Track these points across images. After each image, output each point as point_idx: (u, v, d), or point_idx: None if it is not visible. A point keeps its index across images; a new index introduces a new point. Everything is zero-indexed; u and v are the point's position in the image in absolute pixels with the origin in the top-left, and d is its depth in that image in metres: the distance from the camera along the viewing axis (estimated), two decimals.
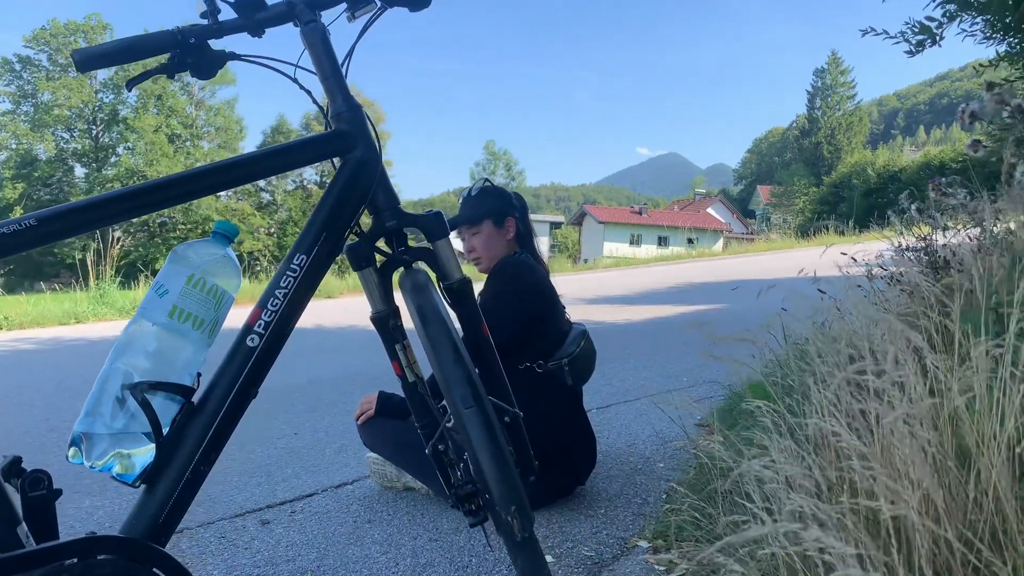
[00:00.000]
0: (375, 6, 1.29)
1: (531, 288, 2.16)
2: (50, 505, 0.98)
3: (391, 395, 2.22)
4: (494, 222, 2.22)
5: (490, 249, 2.22)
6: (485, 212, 2.22)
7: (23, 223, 0.95)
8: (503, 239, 2.23)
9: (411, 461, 2.17)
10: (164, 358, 1.03)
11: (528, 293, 2.15)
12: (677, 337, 5.22)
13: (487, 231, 2.22)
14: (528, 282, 2.16)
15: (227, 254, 1.10)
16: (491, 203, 2.24)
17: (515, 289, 2.14)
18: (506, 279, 2.15)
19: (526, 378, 2.07)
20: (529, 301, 2.14)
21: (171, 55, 1.20)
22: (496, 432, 1.01)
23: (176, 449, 1.01)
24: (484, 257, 2.24)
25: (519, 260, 2.19)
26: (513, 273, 2.15)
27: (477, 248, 2.24)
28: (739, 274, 11.34)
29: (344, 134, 1.21)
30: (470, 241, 2.25)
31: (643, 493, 2.21)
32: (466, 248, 2.29)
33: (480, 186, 2.27)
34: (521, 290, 2.14)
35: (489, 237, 2.22)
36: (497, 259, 2.22)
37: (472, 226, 2.23)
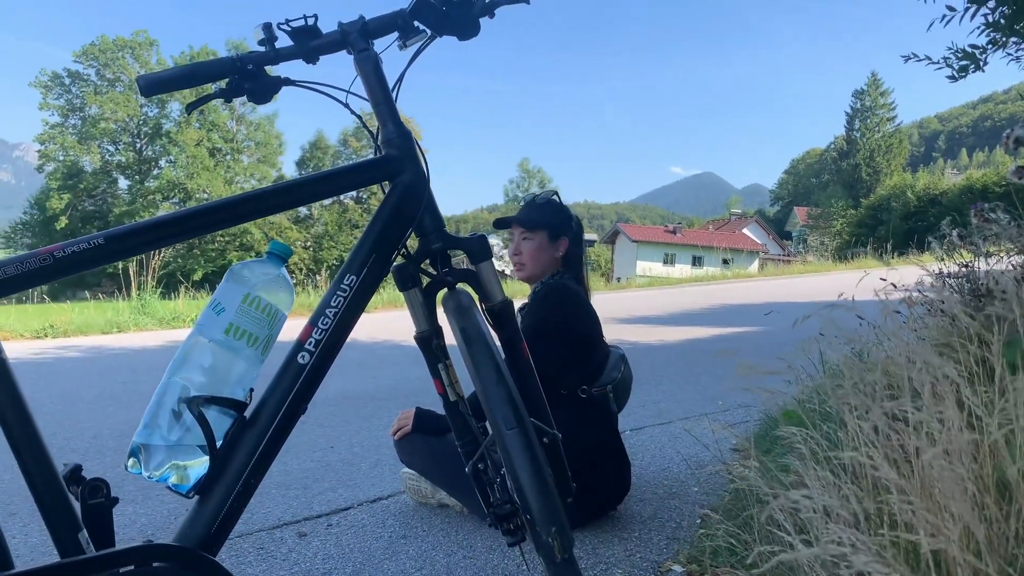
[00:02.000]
0: (426, 35, 1.34)
1: (578, 313, 2.17)
2: (108, 513, 1.02)
3: (428, 411, 2.25)
4: (549, 235, 2.23)
5: (535, 260, 2.23)
6: (543, 223, 2.23)
7: (92, 241, 1.01)
8: (551, 255, 2.25)
9: (446, 478, 2.19)
10: (219, 373, 1.07)
11: (576, 318, 2.16)
12: (712, 360, 5.19)
13: (539, 242, 2.23)
14: (575, 307, 2.17)
15: (281, 274, 1.14)
16: (552, 217, 2.25)
17: (563, 314, 2.15)
18: (554, 304, 2.17)
19: (567, 403, 2.09)
20: (577, 326, 2.16)
21: (229, 80, 1.25)
22: (537, 453, 1.03)
23: (229, 462, 1.05)
24: (528, 265, 2.25)
25: (564, 284, 2.20)
26: (561, 298, 2.17)
27: (524, 254, 2.25)
28: (775, 296, 11.24)
29: (394, 159, 1.25)
30: (519, 243, 2.26)
31: (677, 517, 2.21)
32: (512, 249, 2.29)
33: (547, 197, 2.27)
34: (569, 315, 2.16)
35: (539, 249, 2.23)
36: (540, 272, 2.24)
37: (527, 230, 2.24)
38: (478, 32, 1.36)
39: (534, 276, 2.26)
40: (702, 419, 3.40)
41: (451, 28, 1.33)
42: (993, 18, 2.73)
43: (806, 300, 9.59)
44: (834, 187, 51.88)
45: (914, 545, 1.02)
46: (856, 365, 1.63)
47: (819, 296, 9.76)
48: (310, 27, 1.26)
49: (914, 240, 8.30)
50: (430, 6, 1.28)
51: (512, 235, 2.29)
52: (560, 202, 2.30)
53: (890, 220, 36.38)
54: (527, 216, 2.25)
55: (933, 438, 1.06)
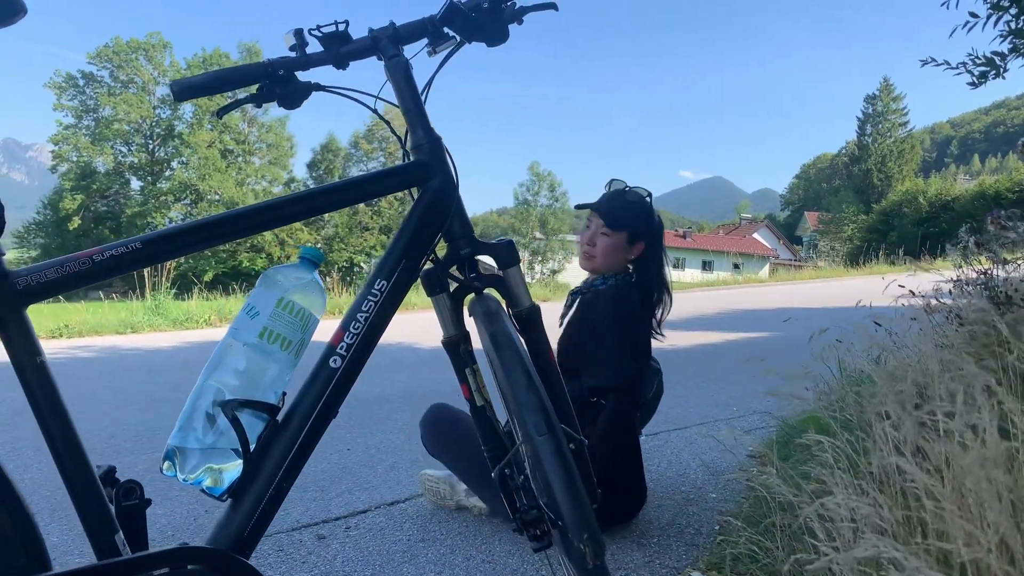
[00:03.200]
0: (455, 41, 1.34)
1: (634, 323, 2.11)
2: (142, 515, 1.03)
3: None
4: (629, 237, 2.14)
5: (607, 258, 2.15)
6: (627, 224, 2.14)
7: (130, 245, 1.02)
8: (624, 257, 2.16)
9: (471, 473, 2.15)
10: (252, 377, 1.08)
11: (631, 328, 2.10)
12: (725, 365, 5.18)
13: (617, 240, 2.14)
14: (631, 317, 2.11)
15: (314, 279, 1.15)
16: (637, 218, 2.15)
17: (626, 324, 2.09)
18: (620, 314, 2.09)
19: (594, 412, 2.06)
20: (631, 336, 2.11)
21: (260, 86, 1.26)
22: (569, 460, 1.03)
23: (261, 465, 1.06)
24: (598, 260, 2.16)
25: (619, 292, 2.12)
26: (612, 303, 2.10)
27: (597, 247, 2.15)
28: (788, 302, 11.20)
29: (423, 165, 1.25)
30: (594, 234, 2.16)
31: (695, 523, 2.20)
32: (586, 237, 2.19)
33: (639, 195, 2.18)
34: (626, 324, 2.09)
35: (615, 247, 2.14)
36: (606, 269, 2.16)
37: (606, 226, 2.15)
38: (507, 39, 1.36)
39: (599, 271, 2.18)
40: (717, 425, 3.40)
41: (480, 35, 1.33)
42: (1016, 25, 2.72)
43: (820, 306, 9.57)
44: (845, 192, 51.65)
45: (946, 554, 1.01)
46: (885, 372, 1.62)
47: (833, 302, 9.72)
48: (341, 33, 1.27)
49: (926, 246, 8.26)
50: (460, 13, 1.29)
51: (589, 221, 2.19)
52: (649, 203, 2.20)
53: (902, 226, 36.22)
54: (613, 213, 2.14)
55: (966, 445, 1.05)
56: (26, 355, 0.94)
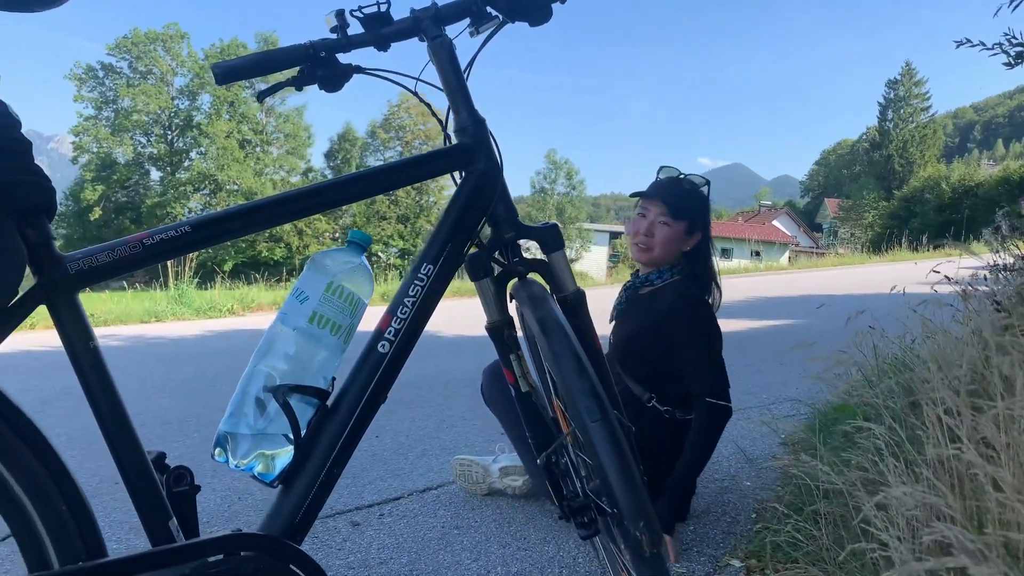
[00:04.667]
0: (498, 20, 1.32)
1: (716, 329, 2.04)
2: (192, 501, 1.02)
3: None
4: (688, 227, 2.07)
5: (665, 248, 2.06)
6: (688, 213, 2.06)
7: (179, 229, 1.01)
8: (680, 248, 2.09)
9: (523, 439, 2.05)
10: (302, 362, 1.07)
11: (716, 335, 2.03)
12: (753, 353, 5.13)
13: (677, 230, 2.06)
14: (714, 323, 2.04)
15: (362, 263, 1.14)
16: (697, 209, 2.08)
17: (713, 325, 2.02)
18: (704, 318, 2.01)
19: (650, 416, 2.01)
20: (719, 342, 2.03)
21: (301, 68, 1.24)
22: (624, 446, 1.01)
23: (312, 451, 1.05)
24: (656, 251, 2.07)
25: (699, 295, 2.05)
26: (708, 309, 2.04)
27: (655, 237, 2.06)
28: (811, 289, 11.10)
29: (468, 147, 1.23)
30: (651, 224, 2.06)
31: (732, 511, 2.18)
32: (643, 227, 2.08)
33: (699, 184, 2.10)
34: (715, 323, 2.03)
35: (674, 237, 2.06)
36: (662, 261, 2.09)
37: (667, 214, 2.05)
38: (550, 17, 1.34)
39: (655, 262, 2.10)
40: (748, 412, 3.37)
41: (523, 14, 1.31)
42: None
43: (844, 293, 9.47)
44: (866, 178, 51.11)
45: (1013, 544, 0.98)
46: (935, 357, 1.59)
47: (859, 289, 9.63)
48: (382, 14, 1.25)
49: (950, 231, 8.14)
50: None
51: (645, 210, 2.09)
52: (703, 190, 2.11)
53: (924, 212, 35.81)
54: (676, 200, 2.05)
55: None
56: (79, 340, 0.93)
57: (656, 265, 2.12)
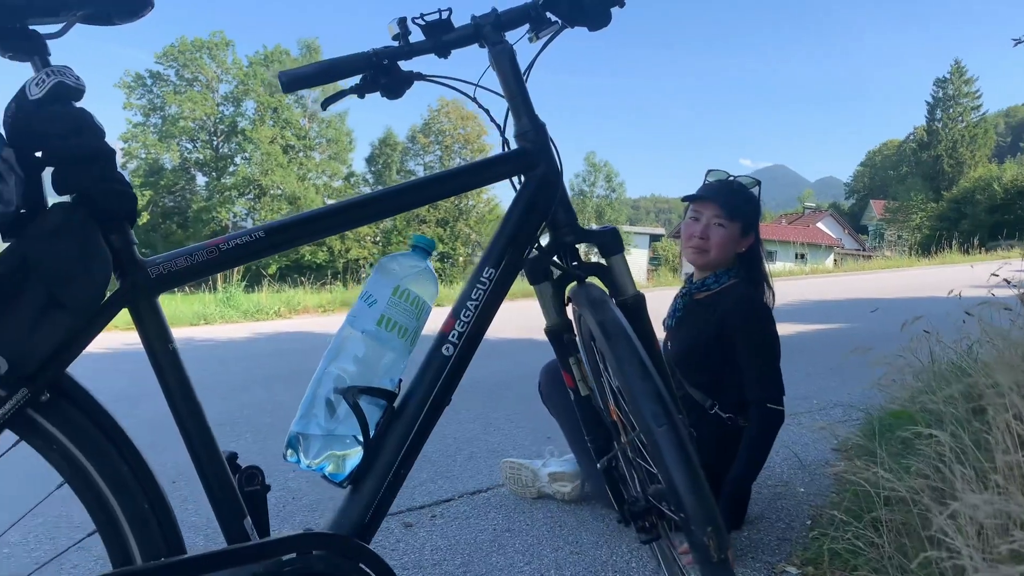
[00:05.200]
0: (557, 26, 1.32)
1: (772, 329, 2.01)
2: (263, 500, 1.04)
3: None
4: (743, 228, 2.05)
5: (722, 250, 2.04)
6: (741, 213, 2.04)
7: (253, 234, 1.03)
8: (735, 249, 2.07)
9: (580, 439, 2.11)
10: (370, 364, 1.09)
11: (771, 334, 2.01)
12: (802, 357, 5.04)
13: (732, 232, 2.04)
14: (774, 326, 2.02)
15: (427, 267, 1.15)
16: (750, 209, 2.06)
17: (774, 330, 2.00)
18: (766, 322, 2.00)
19: (712, 423, 2.00)
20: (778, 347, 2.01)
21: (363, 76, 1.26)
22: (690, 451, 1.01)
23: (380, 452, 1.07)
24: (713, 252, 2.04)
25: (762, 299, 2.04)
26: (768, 313, 2.02)
27: (711, 240, 2.04)
28: (859, 292, 10.89)
29: (528, 152, 1.24)
30: (708, 227, 2.04)
31: (786, 517, 2.15)
32: (697, 230, 2.06)
33: (750, 184, 2.09)
34: (774, 328, 2.01)
35: (731, 239, 2.04)
36: (718, 264, 2.07)
37: (725, 216, 2.03)
38: (609, 22, 1.34)
39: (711, 266, 2.08)
40: (798, 418, 3.32)
41: (583, 19, 1.31)
42: None
43: (894, 296, 9.28)
44: (913, 179, 49.99)
45: None
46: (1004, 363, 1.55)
47: (910, 292, 9.38)
48: (444, 21, 1.27)
49: (1002, 234, 7.91)
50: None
51: (697, 213, 2.07)
52: (754, 191, 2.10)
53: (975, 213, 34.91)
54: (730, 201, 2.03)
55: None
56: (159, 342, 0.96)
57: (713, 268, 2.09)
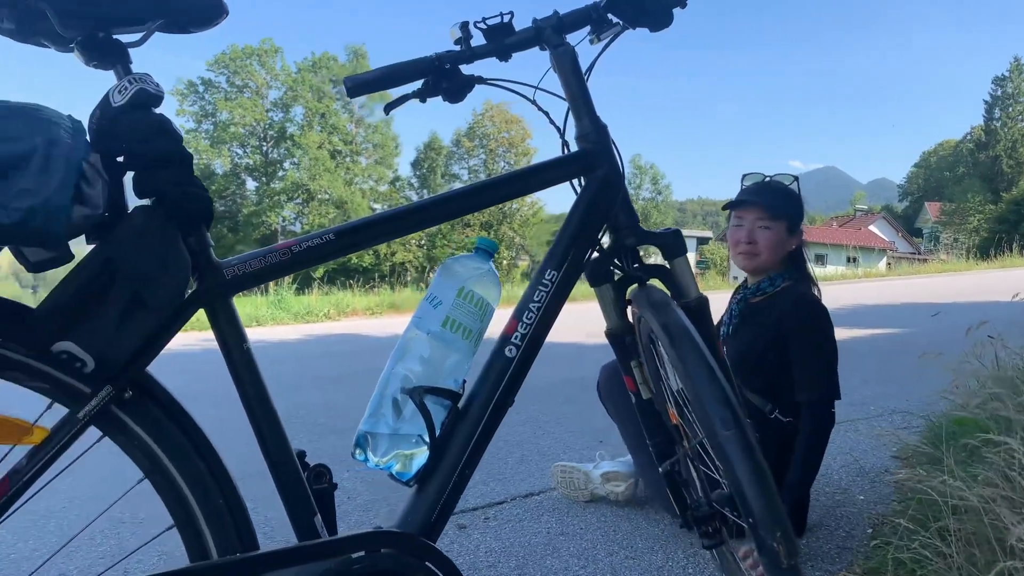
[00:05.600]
0: (619, 27, 1.32)
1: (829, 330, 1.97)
2: (331, 498, 1.06)
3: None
4: (788, 227, 2.01)
5: (772, 252, 2.01)
6: (785, 212, 2.00)
7: (324, 237, 1.05)
8: (785, 249, 2.03)
9: (639, 441, 2.03)
10: (434, 365, 1.10)
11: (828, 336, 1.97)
12: (858, 362, 4.93)
13: (778, 231, 2.00)
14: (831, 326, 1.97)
15: (491, 268, 1.16)
16: (793, 207, 2.03)
17: (830, 330, 1.96)
18: (823, 324, 1.96)
19: (772, 427, 1.95)
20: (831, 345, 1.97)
21: (425, 80, 1.28)
22: (759, 455, 0.99)
23: (445, 452, 1.08)
24: (764, 256, 2.01)
25: (816, 298, 2.00)
26: (825, 313, 1.97)
27: (760, 242, 2.00)
28: (916, 296, 10.62)
29: (590, 154, 1.24)
30: (752, 230, 2.01)
31: (846, 526, 2.11)
32: (743, 235, 2.03)
33: (788, 182, 2.05)
34: (831, 329, 1.97)
35: (779, 240, 2.00)
36: (770, 266, 2.03)
37: (768, 218, 2.00)
38: (671, 23, 1.33)
39: (762, 269, 2.05)
40: (856, 424, 3.25)
41: (645, 20, 1.31)
42: None
43: (953, 301, 9.03)
44: (970, 180, 48.60)
45: None
46: None
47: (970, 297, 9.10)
48: (505, 25, 1.27)
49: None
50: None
51: (740, 219, 2.05)
52: (797, 190, 2.06)
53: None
54: (771, 201, 2.00)
55: None
56: (234, 342, 0.99)
57: (765, 271, 2.06)
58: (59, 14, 0.88)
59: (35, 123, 0.80)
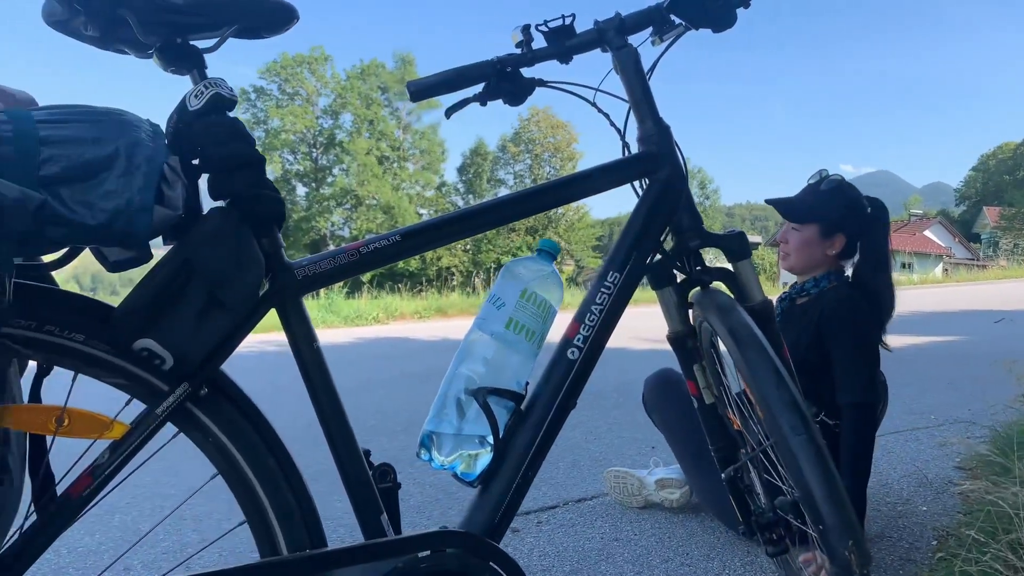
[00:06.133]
0: (681, 28, 1.31)
1: (872, 329, 1.93)
2: (396, 497, 1.07)
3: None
4: (821, 230, 1.98)
5: (800, 254, 2.00)
6: (816, 215, 1.98)
7: (391, 238, 1.06)
8: (822, 251, 1.99)
9: (688, 453, 2.06)
10: (497, 366, 1.10)
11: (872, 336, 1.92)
12: (916, 370, 4.81)
13: (808, 234, 1.99)
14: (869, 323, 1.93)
15: (553, 271, 1.16)
16: (829, 208, 1.98)
17: (865, 331, 1.91)
18: (859, 322, 1.90)
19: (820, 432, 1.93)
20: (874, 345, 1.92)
21: (486, 83, 1.28)
22: (829, 461, 0.98)
23: (509, 453, 1.08)
24: (792, 257, 2.02)
25: (855, 299, 1.93)
26: (860, 314, 1.91)
27: (790, 244, 2.02)
28: (975, 303, 10.32)
29: (653, 156, 1.24)
30: (787, 231, 2.04)
31: (908, 537, 2.05)
32: (779, 234, 2.08)
33: (832, 183, 1.99)
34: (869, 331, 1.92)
35: (807, 243, 1.99)
36: (805, 267, 2.02)
37: (794, 219, 2.01)
38: (734, 23, 1.32)
39: (796, 269, 2.04)
40: (916, 434, 3.16)
41: (708, 20, 1.30)
42: None
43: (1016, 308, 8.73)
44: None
45: None
46: None
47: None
48: (567, 27, 1.27)
49: None
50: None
51: (784, 221, 2.07)
52: (847, 190, 2.00)
53: None
54: (797, 206, 2.00)
55: None
56: (304, 341, 1.00)
57: (803, 272, 2.05)
58: (141, 22, 0.90)
59: (119, 127, 0.83)
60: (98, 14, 0.91)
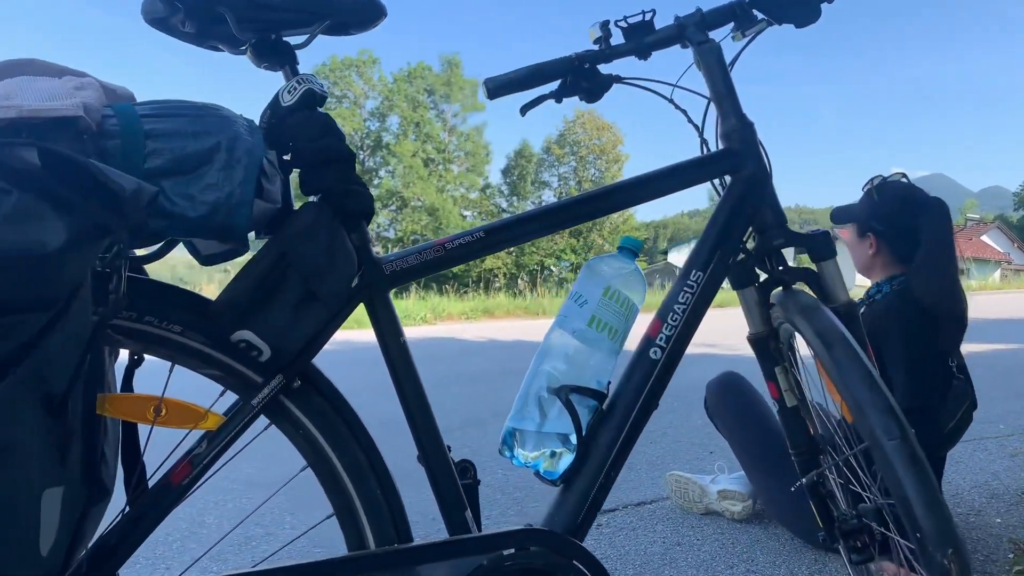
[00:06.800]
0: (763, 23, 1.29)
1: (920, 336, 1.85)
2: (476, 493, 1.07)
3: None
4: (857, 232, 1.98)
5: (852, 257, 2.00)
6: (851, 216, 1.98)
7: (474, 234, 1.06)
8: (864, 253, 1.98)
9: (754, 459, 2.03)
10: (579, 364, 1.09)
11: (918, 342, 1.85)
12: (987, 378, 4.66)
13: (849, 237, 2.00)
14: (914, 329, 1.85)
15: (636, 268, 1.15)
16: (855, 212, 1.98)
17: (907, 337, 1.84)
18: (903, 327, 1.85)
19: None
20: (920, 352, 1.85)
21: (563, 80, 1.27)
22: (926, 467, 0.94)
23: (591, 452, 1.07)
24: (852, 261, 2.02)
25: (901, 305, 1.88)
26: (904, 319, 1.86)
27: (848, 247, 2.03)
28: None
29: (736, 153, 1.21)
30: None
31: (983, 550, 1.99)
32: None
33: (882, 181, 1.95)
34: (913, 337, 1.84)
35: (850, 245, 2.00)
36: (863, 271, 2.01)
37: (832, 221, 2.03)
38: (818, 18, 1.29)
39: (858, 271, 2.04)
40: (985, 443, 3.07)
41: (791, 15, 1.27)
42: None
43: None
44: None
45: None
46: None
47: None
48: (646, 23, 1.26)
49: None
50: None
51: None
52: (880, 190, 1.94)
53: None
54: (841, 208, 2.01)
55: None
56: (391, 336, 1.01)
57: (864, 275, 2.05)
58: (238, 19, 0.92)
59: (219, 121, 0.84)
60: (197, 11, 0.93)
